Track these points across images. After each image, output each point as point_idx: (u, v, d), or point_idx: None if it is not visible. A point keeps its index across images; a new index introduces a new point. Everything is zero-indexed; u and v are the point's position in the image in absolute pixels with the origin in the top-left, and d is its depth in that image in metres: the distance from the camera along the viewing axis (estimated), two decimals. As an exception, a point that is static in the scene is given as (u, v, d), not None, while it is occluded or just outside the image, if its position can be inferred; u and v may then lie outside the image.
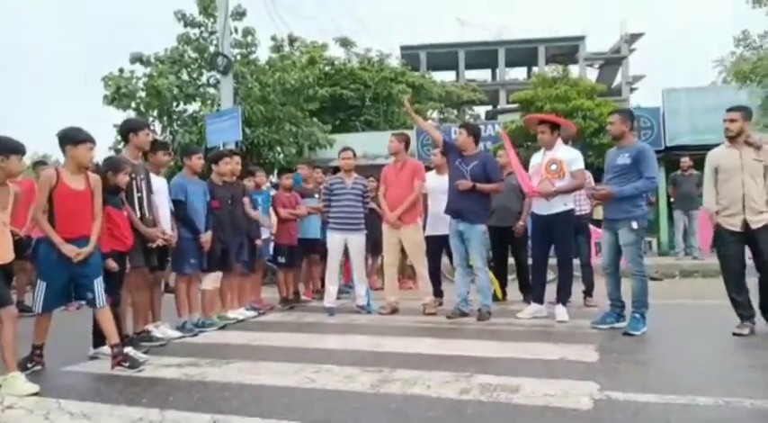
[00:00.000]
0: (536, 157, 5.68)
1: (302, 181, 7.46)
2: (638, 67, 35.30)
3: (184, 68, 12.59)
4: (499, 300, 6.60)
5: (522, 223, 6.39)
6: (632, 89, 34.66)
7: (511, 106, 23.07)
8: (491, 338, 4.73)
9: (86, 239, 3.87)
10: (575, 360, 3.96)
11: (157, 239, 4.66)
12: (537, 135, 5.62)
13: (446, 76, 33.41)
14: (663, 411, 2.87)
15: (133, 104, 11.58)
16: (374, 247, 7.50)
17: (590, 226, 6.60)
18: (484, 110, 31.42)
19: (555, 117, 5.90)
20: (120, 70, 11.67)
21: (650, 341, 4.60)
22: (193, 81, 12.66)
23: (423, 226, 6.33)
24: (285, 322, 5.89)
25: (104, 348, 4.10)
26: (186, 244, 5.19)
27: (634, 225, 4.89)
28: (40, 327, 3.92)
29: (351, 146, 6.67)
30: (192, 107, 12.61)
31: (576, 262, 6.11)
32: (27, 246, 4.53)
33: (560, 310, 5.43)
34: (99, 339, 4.20)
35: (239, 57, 12.62)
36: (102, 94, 11.43)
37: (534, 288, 5.78)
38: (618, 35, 34.70)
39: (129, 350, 4.16)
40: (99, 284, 3.90)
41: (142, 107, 11.71)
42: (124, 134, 4.69)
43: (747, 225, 4.64)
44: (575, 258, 5.94)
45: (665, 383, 3.34)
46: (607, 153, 5.37)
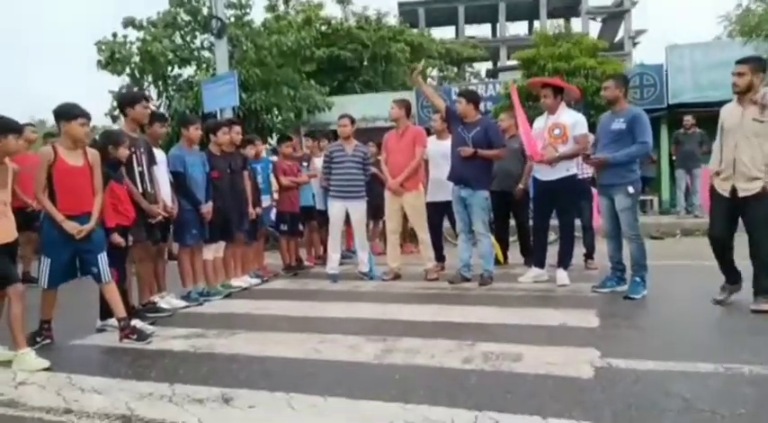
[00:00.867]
0: (539, 121, 5.61)
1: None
2: (640, 22, 34.55)
3: (178, 32, 12.32)
4: (501, 263, 6.64)
5: (522, 187, 6.38)
6: (635, 43, 33.95)
7: (512, 64, 22.70)
8: (493, 304, 4.78)
9: (88, 216, 3.86)
10: (575, 326, 4.02)
11: (158, 216, 4.66)
12: (540, 98, 5.55)
13: (446, 33, 32.74)
14: (663, 378, 2.92)
15: (127, 70, 11.38)
16: (375, 212, 7.50)
17: (592, 189, 6.57)
18: (484, 67, 30.90)
19: (558, 81, 5.79)
20: (113, 35, 11.42)
21: (650, 305, 4.66)
22: (187, 44, 12.41)
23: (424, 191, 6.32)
24: (289, 290, 5.95)
25: (112, 320, 4.15)
26: (187, 215, 5.20)
27: (630, 190, 4.89)
28: (47, 302, 3.95)
29: (349, 109, 6.57)
30: (188, 71, 12.42)
31: (578, 224, 6.12)
32: (36, 217, 4.53)
33: (561, 275, 5.47)
34: (106, 312, 4.23)
35: (233, 19, 12.33)
36: (95, 59, 11.23)
37: (536, 252, 5.80)
38: (620, -12, 33.80)
39: (137, 322, 4.21)
40: (103, 259, 3.92)
41: (137, 72, 11.52)
42: (121, 107, 4.62)
43: (735, 192, 4.26)
44: (576, 220, 5.95)
45: (666, 350, 3.40)
46: (600, 118, 5.30)
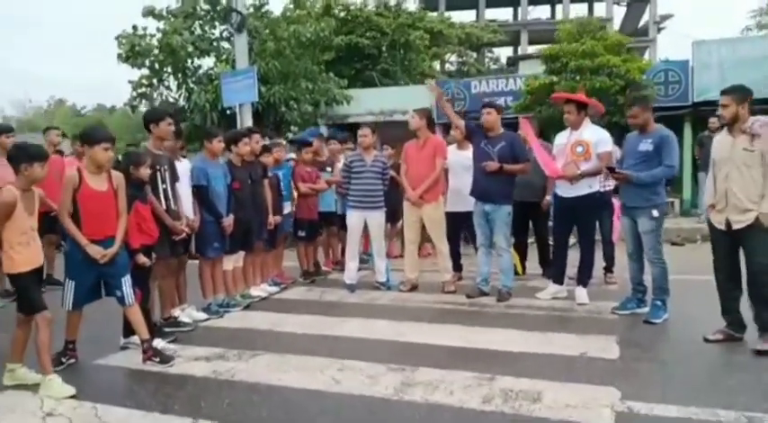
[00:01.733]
0: (561, 137, 5.53)
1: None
2: (665, 7, 33.66)
3: (197, 22, 12.29)
4: (519, 274, 6.63)
5: (549, 198, 6.31)
6: (659, 29, 33.13)
7: (532, 52, 22.36)
8: (511, 326, 4.78)
9: (112, 240, 3.89)
10: (596, 356, 4.01)
11: (182, 233, 4.70)
12: (563, 114, 5.45)
13: (466, 17, 32.18)
14: (684, 429, 2.92)
15: (147, 62, 11.40)
16: (393, 215, 7.48)
17: (613, 201, 6.49)
18: (504, 53, 30.42)
19: (582, 96, 5.69)
20: (133, 28, 11.42)
21: (671, 332, 4.62)
22: (207, 35, 12.38)
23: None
24: (307, 300, 5.99)
25: (135, 338, 4.20)
26: (209, 228, 5.23)
27: (654, 213, 4.81)
28: (72, 323, 4.02)
29: (367, 102, 6.54)
30: (207, 62, 12.42)
31: (597, 237, 6.07)
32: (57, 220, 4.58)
33: (581, 293, 5.44)
34: (129, 330, 4.29)
35: (252, 9, 12.26)
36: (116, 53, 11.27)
37: (555, 269, 5.77)
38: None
39: (158, 342, 4.28)
40: (126, 283, 3.96)
41: (156, 65, 11.54)
42: (146, 125, 4.64)
43: (729, 224, 4.15)
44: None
45: (687, 391, 3.37)
46: (626, 138, 5.20)
